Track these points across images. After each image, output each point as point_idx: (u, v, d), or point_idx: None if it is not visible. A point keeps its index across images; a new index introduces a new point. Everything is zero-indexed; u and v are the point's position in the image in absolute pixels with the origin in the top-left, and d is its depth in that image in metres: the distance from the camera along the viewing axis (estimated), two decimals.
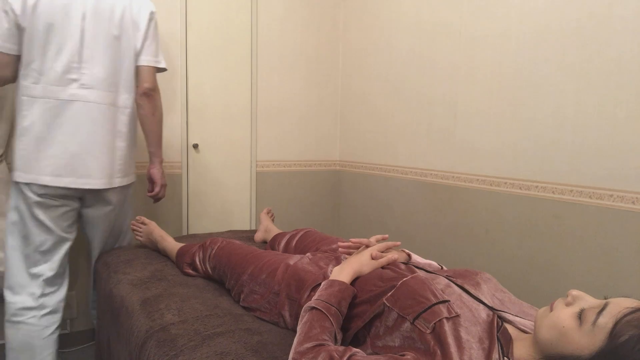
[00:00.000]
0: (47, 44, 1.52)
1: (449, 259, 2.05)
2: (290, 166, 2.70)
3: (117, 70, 1.64)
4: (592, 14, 1.51)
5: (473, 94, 1.94)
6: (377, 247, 1.17)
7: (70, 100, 1.56)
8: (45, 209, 1.60)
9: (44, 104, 1.54)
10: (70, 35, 1.53)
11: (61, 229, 1.66)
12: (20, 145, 1.55)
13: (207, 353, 1.00)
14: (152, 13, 1.70)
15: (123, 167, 1.72)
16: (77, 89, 1.56)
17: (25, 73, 1.53)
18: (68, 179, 1.57)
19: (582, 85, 1.55)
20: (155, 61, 1.73)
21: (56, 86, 1.54)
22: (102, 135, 1.62)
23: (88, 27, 1.56)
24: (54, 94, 1.54)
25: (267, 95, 2.56)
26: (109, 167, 1.65)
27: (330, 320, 0.92)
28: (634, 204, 1.43)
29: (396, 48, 2.35)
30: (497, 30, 1.83)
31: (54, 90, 1.54)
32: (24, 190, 1.57)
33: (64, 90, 1.55)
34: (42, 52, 1.52)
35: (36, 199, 1.57)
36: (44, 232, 1.62)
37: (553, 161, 1.65)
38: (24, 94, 1.54)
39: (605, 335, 0.70)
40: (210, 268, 1.49)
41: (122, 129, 1.69)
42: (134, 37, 1.66)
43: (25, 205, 1.59)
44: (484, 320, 0.86)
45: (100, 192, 1.68)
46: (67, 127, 1.56)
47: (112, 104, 1.64)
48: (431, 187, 2.17)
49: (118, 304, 1.39)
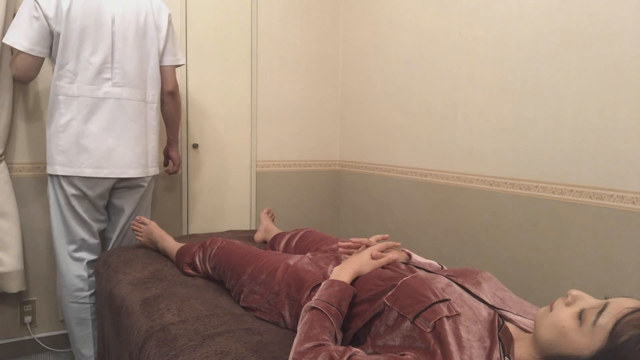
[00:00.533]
0: (81, 46, 1.65)
1: (449, 259, 2.05)
2: (290, 166, 2.70)
3: (143, 69, 1.80)
4: (592, 15, 1.51)
5: (473, 93, 1.94)
6: (377, 246, 1.17)
7: (105, 98, 1.71)
8: (81, 200, 1.77)
9: (81, 102, 1.68)
10: (102, 38, 1.68)
11: (94, 220, 1.84)
12: (59, 141, 1.69)
13: (207, 352, 1.00)
14: (169, 15, 1.87)
15: (155, 157, 1.91)
16: (111, 87, 1.71)
17: (60, 74, 1.66)
18: (107, 170, 1.73)
19: (582, 85, 1.55)
20: (176, 60, 1.91)
21: (91, 85, 1.68)
22: (135, 129, 1.78)
23: (117, 30, 1.71)
24: (90, 93, 1.69)
25: (267, 96, 2.56)
26: (144, 157, 1.83)
27: (331, 320, 0.92)
28: (634, 204, 1.43)
29: (396, 48, 2.35)
30: (497, 30, 1.83)
31: (89, 89, 1.68)
32: (63, 184, 1.73)
33: (98, 89, 1.69)
34: (76, 54, 1.65)
35: (73, 192, 1.74)
36: (80, 222, 1.80)
37: (553, 161, 1.65)
38: (60, 93, 1.67)
39: (606, 335, 0.70)
40: (210, 268, 1.49)
41: (152, 123, 1.86)
42: (156, 39, 1.82)
43: (63, 198, 1.75)
44: (484, 319, 0.86)
45: (136, 180, 1.85)
46: (102, 122, 1.71)
47: (142, 100, 1.80)
48: (431, 187, 2.17)
49: (118, 304, 1.39)
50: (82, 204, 1.78)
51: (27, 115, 1.97)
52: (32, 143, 1.99)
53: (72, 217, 1.78)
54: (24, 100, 1.96)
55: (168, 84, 1.90)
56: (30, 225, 2.01)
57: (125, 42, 1.72)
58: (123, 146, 1.75)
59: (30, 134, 1.98)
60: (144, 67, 1.80)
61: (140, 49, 1.76)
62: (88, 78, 1.67)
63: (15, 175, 1.96)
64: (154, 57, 1.82)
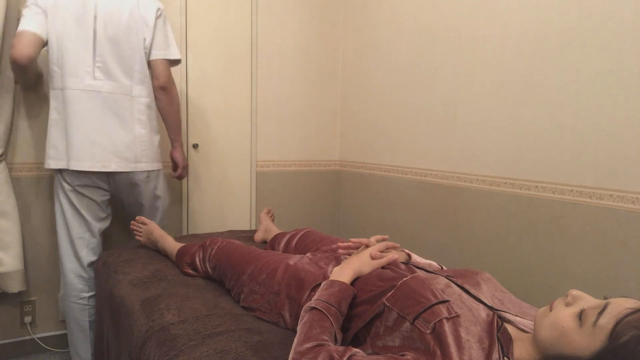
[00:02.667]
0: (65, 42, 1.67)
1: (449, 259, 2.05)
2: (290, 166, 2.70)
3: (129, 64, 1.76)
4: (592, 14, 1.51)
5: (473, 93, 1.94)
6: (377, 247, 1.17)
7: (87, 91, 1.70)
8: (79, 196, 1.78)
9: (64, 95, 1.69)
10: (84, 36, 1.69)
11: (95, 218, 1.84)
12: (50, 135, 1.73)
13: (207, 352, 1.00)
14: (159, 9, 1.81)
15: (148, 152, 1.83)
16: (92, 81, 1.71)
17: (49, 69, 1.71)
18: (88, 163, 1.71)
19: (582, 85, 1.55)
20: (166, 54, 1.84)
21: (74, 78, 1.69)
22: (119, 123, 1.75)
23: (99, 28, 1.70)
24: (72, 85, 1.69)
25: (267, 95, 2.56)
26: (131, 151, 1.78)
27: (330, 321, 0.92)
28: (634, 204, 1.43)
29: (396, 48, 2.35)
30: (497, 30, 1.82)
31: (72, 82, 1.69)
32: (60, 180, 1.77)
33: (81, 81, 1.70)
34: (60, 49, 1.68)
35: (69, 187, 1.76)
36: (80, 220, 1.81)
37: (553, 161, 1.65)
38: (50, 87, 1.73)
39: (606, 336, 0.70)
40: (210, 268, 1.49)
41: (140, 117, 1.80)
42: (142, 32, 1.77)
43: (63, 194, 1.78)
44: (483, 320, 0.86)
45: (127, 176, 1.80)
46: (85, 115, 1.70)
47: (126, 94, 1.77)
48: (431, 187, 2.17)
49: (118, 304, 1.39)
50: (82, 200, 1.79)
51: (27, 115, 1.97)
52: (33, 143, 1.99)
53: (72, 213, 1.79)
54: (24, 101, 1.97)
55: (158, 78, 1.83)
56: (30, 225, 2.01)
57: (106, 36, 1.71)
58: (105, 139, 1.72)
59: (31, 134, 1.99)
60: (130, 62, 1.76)
61: (123, 43, 1.73)
62: (70, 72, 1.68)
63: (15, 175, 1.96)
64: (139, 51, 1.77)
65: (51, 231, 2.05)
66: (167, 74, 1.85)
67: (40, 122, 1.99)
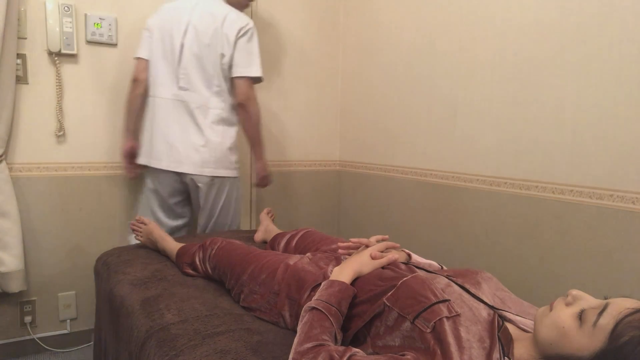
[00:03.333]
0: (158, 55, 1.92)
1: (449, 259, 2.05)
2: (290, 166, 2.70)
3: (209, 78, 1.91)
4: (592, 13, 1.51)
5: (473, 93, 1.94)
6: (377, 247, 1.17)
7: (172, 100, 1.91)
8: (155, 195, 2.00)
9: (155, 102, 1.93)
10: (173, 49, 1.89)
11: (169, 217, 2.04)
12: (143, 135, 1.99)
13: (207, 351, 1.00)
14: (242, 28, 1.90)
15: (218, 159, 1.95)
16: (177, 90, 1.91)
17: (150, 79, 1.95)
18: (165, 163, 1.92)
19: (582, 84, 1.55)
20: (246, 71, 1.92)
21: (162, 87, 1.92)
22: (195, 129, 1.92)
23: (187, 42, 1.88)
24: (161, 94, 1.92)
25: (267, 95, 2.56)
26: (200, 156, 1.92)
27: (331, 321, 0.92)
28: (634, 204, 1.43)
29: (396, 48, 2.35)
30: (497, 29, 1.83)
31: (160, 91, 1.92)
32: (145, 178, 2.02)
33: (168, 90, 1.91)
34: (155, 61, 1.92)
35: (151, 185, 2.01)
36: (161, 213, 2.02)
37: (553, 161, 1.65)
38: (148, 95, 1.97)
39: (606, 336, 0.70)
40: (210, 268, 1.48)
41: (213, 126, 1.93)
42: (221, 48, 1.88)
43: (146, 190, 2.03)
44: (484, 320, 0.86)
45: (194, 179, 1.94)
46: (168, 121, 1.91)
47: (204, 104, 1.91)
48: (431, 187, 2.17)
49: (118, 304, 1.39)
50: (156, 198, 2.01)
51: (27, 115, 1.97)
52: (33, 143, 1.99)
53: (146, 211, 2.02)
54: (24, 101, 1.96)
55: (237, 95, 1.93)
56: (30, 225, 2.01)
57: (191, 51, 1.88)
58: (181, 144, 1.90)
59: (31, 134, 1.98)
60: (210, 76, 1.90)
61: (205, 58, 1.88)
62: (160, 82, 1.91)
63: (16, 175, 1.96)
64: (216, 67, 1.89)
65: (51, 231, 2.05)
66: (246, 91, 1.93)
67: (41, 122, 1.99)
